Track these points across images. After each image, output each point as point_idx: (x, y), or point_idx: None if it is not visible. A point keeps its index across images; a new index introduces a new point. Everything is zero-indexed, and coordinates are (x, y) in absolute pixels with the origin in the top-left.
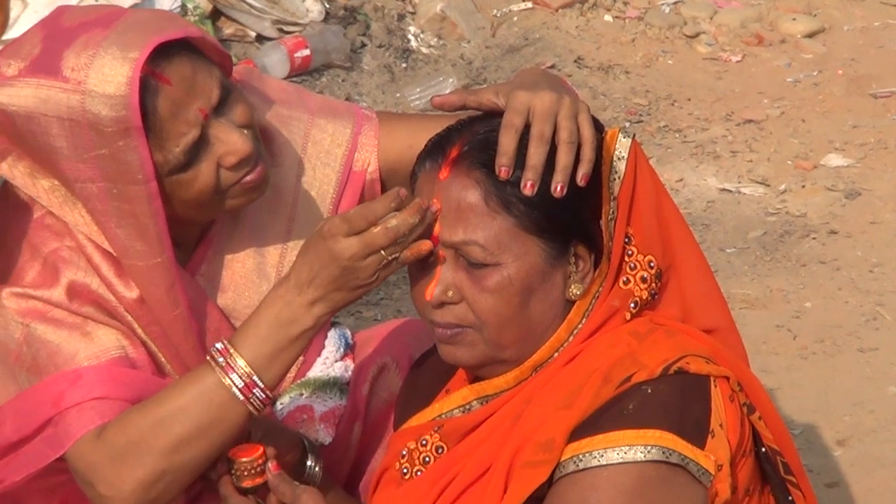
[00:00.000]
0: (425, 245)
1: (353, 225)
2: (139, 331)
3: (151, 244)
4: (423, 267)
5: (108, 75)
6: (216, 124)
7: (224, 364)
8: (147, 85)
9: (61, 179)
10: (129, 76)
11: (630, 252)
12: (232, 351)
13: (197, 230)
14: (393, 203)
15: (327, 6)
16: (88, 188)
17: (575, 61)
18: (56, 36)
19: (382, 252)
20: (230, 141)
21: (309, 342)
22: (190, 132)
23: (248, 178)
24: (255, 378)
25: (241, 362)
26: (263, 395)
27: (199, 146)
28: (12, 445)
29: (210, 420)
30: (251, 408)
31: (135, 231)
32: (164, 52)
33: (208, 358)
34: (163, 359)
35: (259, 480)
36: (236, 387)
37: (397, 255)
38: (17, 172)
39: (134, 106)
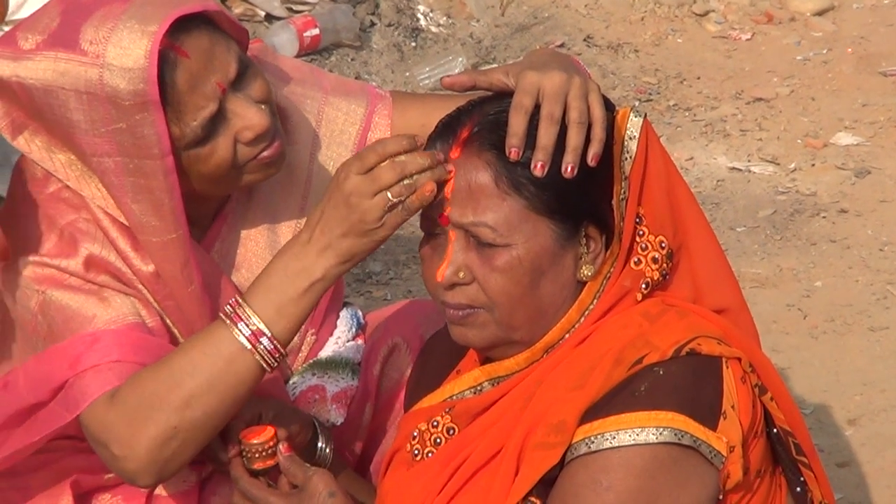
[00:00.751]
0: (429, 187)
1: (365, 161)
2: (154, 304)
3: (166, 220)
4: (434, 248)
5: (127, 49)
6: (234, 99)
7: (233, 314)
8: (165, 58)
9: (78, 154)
10: (148, 50)
11: (641, 232)
12: (241, 302)
13: (212, 207)
14: (405, 142)
15: None
16: (105, 162)
17: (584, 40)
18: (74, 9)
19: (389, 194)
20: (247, 116)
21: (320, 296)
22: (208, 106)
23: (266, 153)
24: (261, 327)
25: (248, 312)
26: (272, 346)
27: (217, 120)
28: (29, 409)
29: (219, 373)
30: (259, 358)
31: (150, 206)
32: (183, 26)
33: (221, 313)
34: (177, 332)
35: (270, 462)
36: (243, 335)
37: (403, 198)
38: (35, 147)
39: (152, 80)
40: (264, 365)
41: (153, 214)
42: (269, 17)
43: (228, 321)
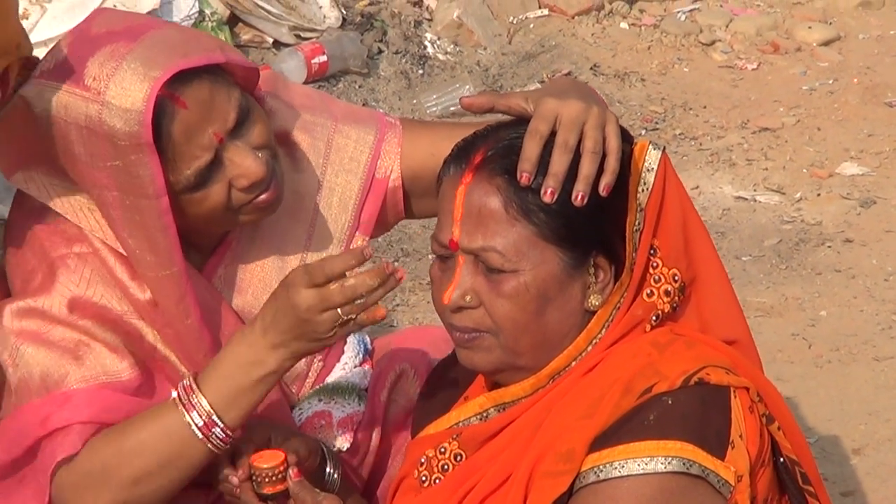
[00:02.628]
0: (380, 312)
1: (313, 277)
2: (150, 337)
3: (161, 257)
4: (444, 270)
5: (127, 90)
6: (231, 147)
7: (186, 402)
8: (163, 107)
9: (79, 184)
10: (147, 94)
11: (655, 264)
12: (195, 389)
13: (216, 234)
14: (353, 260)
15: (344, 13)
16: (104, 195)
17: (591, 68)
18: (83, 42)
19: (339, 310)
20: (244, 164)
21: (271, 386)
22: (203, 156)
23: (261, 198)
24: (214, 418)
25: (202, 401)
26: (223, 435)
27: (212, 168)
28: (5, 466)
29: (170, 456)
30: (211, 446)
31: (145, 243)
32: (185, 74)
33: (174, 394)
34: (175, 360)
35: (280, 487)
36: (196, 425)
37: (354, 316)
38: (32, 185)
39: (147, 123)
40: (214, 450)
41: (148, 251)
42: (277, 44)
43: (182, 407)
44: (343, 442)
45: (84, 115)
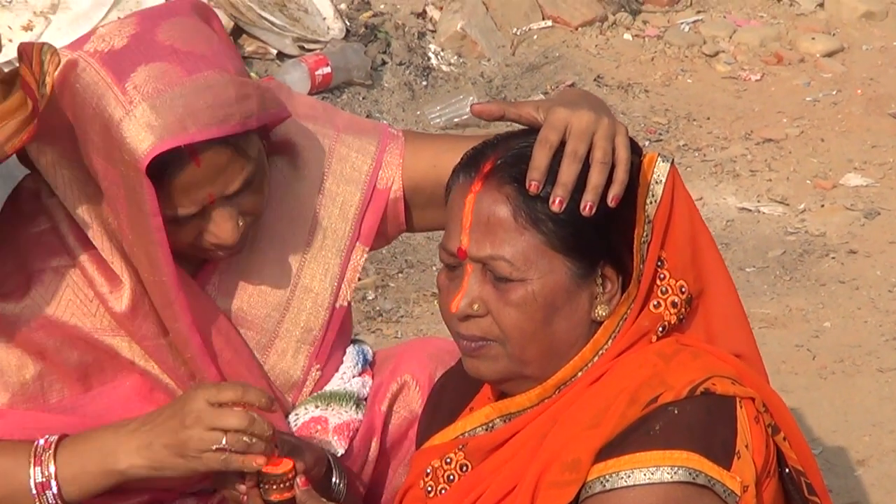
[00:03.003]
0: (260, 460)
1: (220, 395)
2: (125, 353)
3: (154, 265)
4: (451, 279)
5: (156, 119)
6: (219, 209)
7: (39, 455)
8: (178, 153)
9: (91, 169)
10: (168, 137)
11: (662, 276)
12: (51, 449)
13: None
14: (264, 400)
15: (348, 24)
16: (112, 189)
17: (595, 80)
18: (144, 43)
19: (224, 439)
20: (221, 229)
21: (115, 484)
22: (190, 208)
23: (220, 254)
24: (52, 482)
25: (50, 464)
26: (53, 501)
27: (193, 215)
28: None
29: (2, 495)
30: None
31: (142, 248)
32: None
33: (36, 442)
34: (157, 373)
35: (287, 495)
36: (34, 479)
37: (231, 450)
38: (44, 160)
39: (149, 156)
40: None
41: (144, 254)
42: (281, 55)
43: (33, 457)
44: (338, 447)
45: (108, 114)
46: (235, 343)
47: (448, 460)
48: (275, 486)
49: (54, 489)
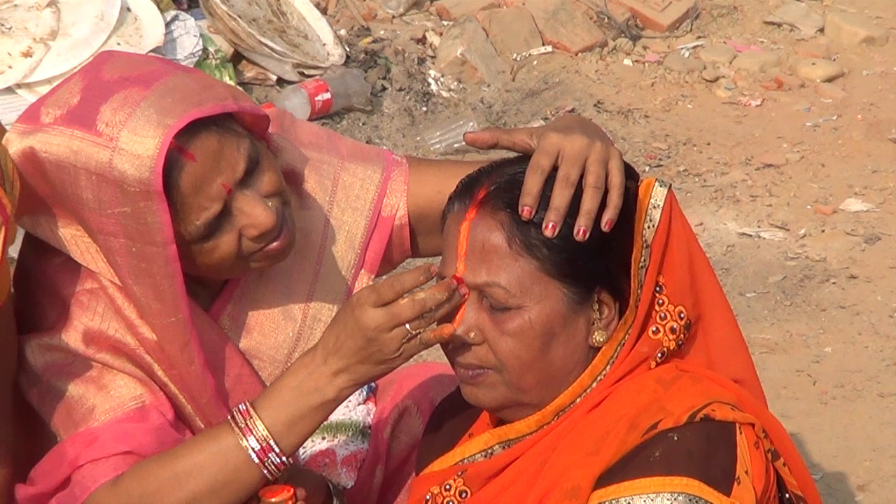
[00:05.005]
0: (447, 329)
1: (382, 295)
2: (159, 373)
3: (166, 304)
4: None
5: (141, 137)
6: (240, 196)
7: (243, 426)
8: (172, 160)
9: (86, 229)
10: (161, 141)
11: (661, 301)
12: (252, 413)
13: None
14: (422, 276)
15: (348, 50)
16: (111, 241)
17: (594, 105)
18: (95, 88)
19: (407, 326)
20: (253, 214)
21: (329, 414)
22: (212, 207)
23: (272, 246)
24: (271, 443)
25: (259, 426)
26: (279, 461)
27: (222, 218)
28: (39, 497)
29: (224, 480)
30: (266, 472)
31: (151, 290)
32: (194, 126)
33: (229, 417)
34: (182, 400)
35: None
36: (252, 450)
37: (421, 330)
38: (39, 229)
39: (158, 172)
40: (269, 476)
41: (154, 298)
42: (281, 81)
43: (237, 430)
44: (347, 480)
45: (95, 161)
46: (248, 377)
47: (447, 487)
48: None
49: (276, 448)
